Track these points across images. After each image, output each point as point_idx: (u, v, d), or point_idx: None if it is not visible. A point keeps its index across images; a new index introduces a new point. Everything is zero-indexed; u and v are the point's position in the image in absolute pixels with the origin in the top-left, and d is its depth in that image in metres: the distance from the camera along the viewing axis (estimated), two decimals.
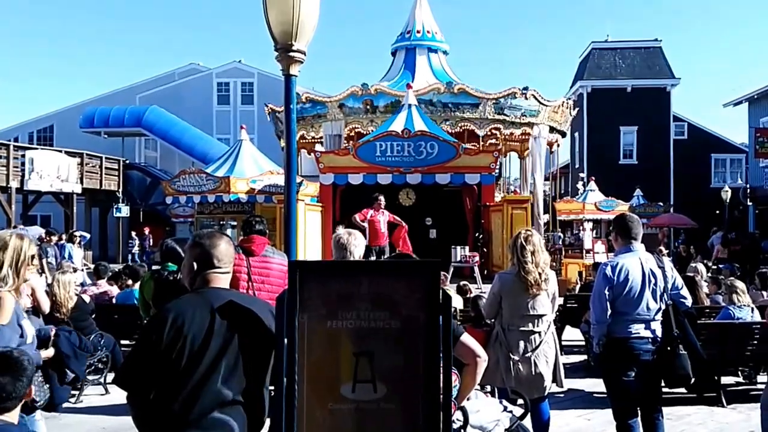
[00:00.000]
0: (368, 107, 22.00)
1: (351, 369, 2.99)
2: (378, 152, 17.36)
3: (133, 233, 32.22)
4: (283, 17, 5.90)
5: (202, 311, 3.27)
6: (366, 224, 14.82)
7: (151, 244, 31.35)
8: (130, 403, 3.30)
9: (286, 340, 3.03)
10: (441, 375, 2.97)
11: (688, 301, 6.06)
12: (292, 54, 5.99)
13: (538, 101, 22.10)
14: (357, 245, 5.05)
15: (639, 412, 5.97)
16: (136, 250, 30.80)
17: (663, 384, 6.04)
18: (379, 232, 14.90)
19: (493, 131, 22.55)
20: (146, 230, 32.90)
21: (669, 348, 5.78)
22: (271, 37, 6.03)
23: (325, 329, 3.03)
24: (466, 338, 4.14)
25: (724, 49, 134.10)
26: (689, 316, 5.99)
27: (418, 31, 24.96)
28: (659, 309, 5.84)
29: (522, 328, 6.08)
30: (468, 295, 11.22)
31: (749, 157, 38.38)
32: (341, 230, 5.52)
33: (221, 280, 3.50)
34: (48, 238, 17.01)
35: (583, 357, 11.29)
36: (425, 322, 2.98)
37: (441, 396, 2.97)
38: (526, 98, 21.72)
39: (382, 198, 15.24)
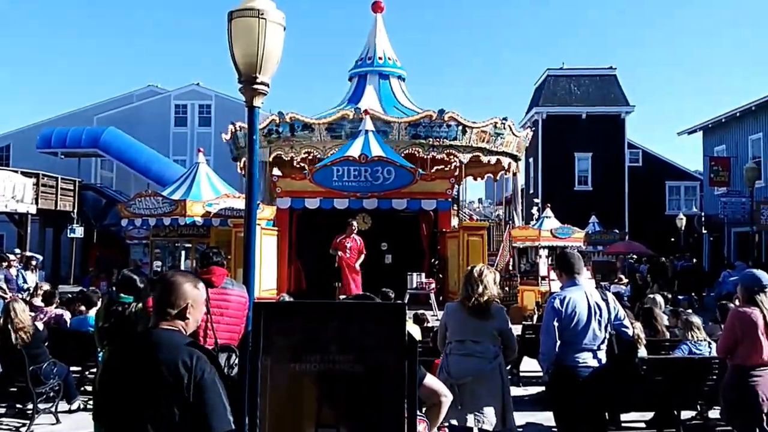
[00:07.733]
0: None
1: (314, 413, 2.97)
2: (335, 177, 17.29)
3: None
4: (247, 50, 5.91)
5: None
6: (338, 252, 15.85)
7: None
8: None
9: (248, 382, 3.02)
10: (406, 420, 2.96)
11: (630, 331, 6.43)
12: (256, 86, 6.00)
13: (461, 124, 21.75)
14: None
15: None
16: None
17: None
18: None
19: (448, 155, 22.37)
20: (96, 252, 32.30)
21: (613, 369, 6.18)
22: (235, 69, 6.04)
23: (288, 372, 3.01)
24: (430, 380, 4.15)
25: (678, 78, 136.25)
26: (630, 346, 6.44)
27: (380, 58, 25.03)
28: (604, 339, 6.17)
29: (462, 353, 6.16)
30: (426, 324, 11.21)
31: (704, 185, 37.87)
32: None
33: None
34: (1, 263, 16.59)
35: (542, 388, 11.25)
36: (391, 367, 2.97)
37: None
38: (445, 121, 21.38)
39: (354, 223, 16.04)
